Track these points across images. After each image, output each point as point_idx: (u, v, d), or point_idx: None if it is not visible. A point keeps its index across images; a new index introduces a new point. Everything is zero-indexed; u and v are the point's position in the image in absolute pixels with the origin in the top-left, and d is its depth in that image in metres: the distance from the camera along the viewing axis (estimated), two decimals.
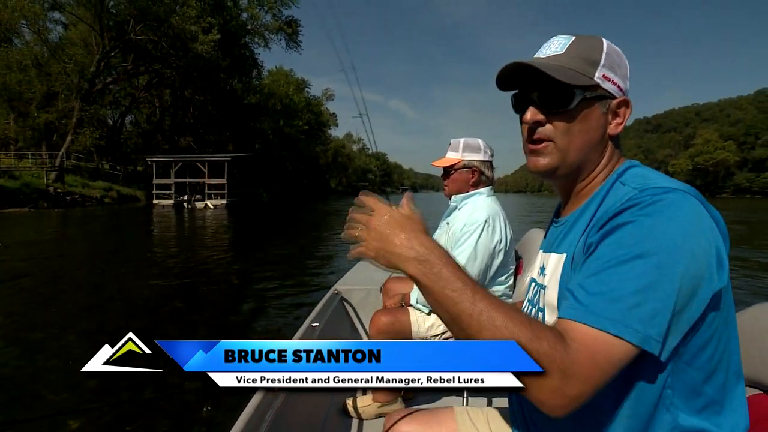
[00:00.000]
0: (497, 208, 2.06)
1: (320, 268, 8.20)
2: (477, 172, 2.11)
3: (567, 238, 0.82)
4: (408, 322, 1.99)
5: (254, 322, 5.23)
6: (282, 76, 63.89)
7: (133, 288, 6.78)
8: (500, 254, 2.00)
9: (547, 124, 0.79)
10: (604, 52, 0.78)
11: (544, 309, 0.82)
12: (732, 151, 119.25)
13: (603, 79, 0.77)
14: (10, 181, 25.51)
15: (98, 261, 9.39)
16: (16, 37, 33.02)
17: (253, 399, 1.35)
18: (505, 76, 0.81)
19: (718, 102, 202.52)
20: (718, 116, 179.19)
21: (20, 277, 7.32)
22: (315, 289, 6.50)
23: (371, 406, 2.01)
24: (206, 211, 27.51)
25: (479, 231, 1.95)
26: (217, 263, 8.93)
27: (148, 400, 3.09)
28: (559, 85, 0.75)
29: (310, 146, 72.28)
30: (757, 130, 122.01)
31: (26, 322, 5.05)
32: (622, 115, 0.80)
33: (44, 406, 3.08)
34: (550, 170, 0.81)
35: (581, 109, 0.77)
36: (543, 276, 0.87)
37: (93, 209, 26.44)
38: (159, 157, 36.30)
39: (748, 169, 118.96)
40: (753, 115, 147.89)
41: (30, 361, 3.90)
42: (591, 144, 0.79)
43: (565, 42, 0.79)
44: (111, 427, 2.80)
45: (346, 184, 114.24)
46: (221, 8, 40.34)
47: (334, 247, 10.96)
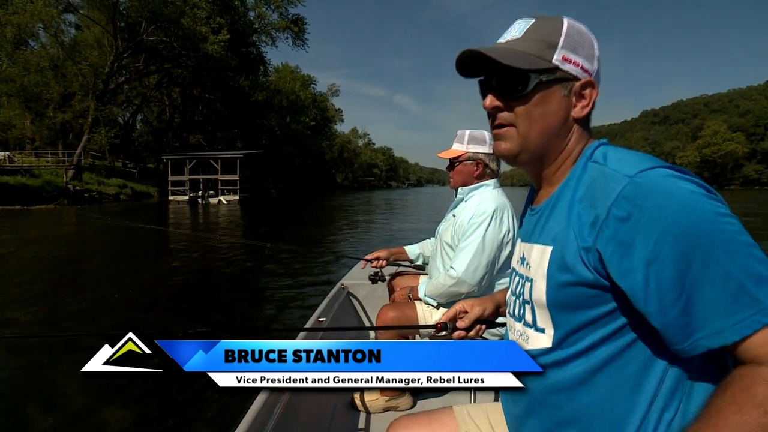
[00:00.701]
0: (505, 200, 2.04)
1: (328, 264, 8.35)
2: (482, 164, 2.08)
3: (547, 227, 0.80)
4: (415, 316, 1.98)
5: (261, 315, 5.39)
6: (288, 73, 64.62)
7: (158, 276, 7.60)
8: (508, 246, 1.97)
9: (506, 110, 0.79)
10: (563, 33, 0.75)
11: (531, 302, 0.81)
12: (741, 142, 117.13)
13: (563, 61, 0.75)
14: (32, 179, 26.55)
15: (125, 253, 10.27)
16: (32, 39, 34.04)
17: (260, 394, 1.37)
18: (464, 64, 0.80)
19: (727, 93, 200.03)
20: (727, 107, 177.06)
21: (67, 263, 8.22)
22: (323, 283, 6.59)
23: (379, 400, 2.02)
24: (219, 207, 28.46)
25: (487, 222, 1.92)
26: (230, 257, 9.38)
27: (153, 400, 3.06)
28: (514, 71, 0.74)
29: (317, 142, 72.97)
30: (767, 120, 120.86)
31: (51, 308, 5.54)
32: (588, 96, 0.78)
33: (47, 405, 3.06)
34: (512, 155, 0.81)
35: (538, 92, 0.75)
36: (526, 267, 0.85)
37: (110, 206, 27.44)
38: (174, 154, 37.70)
39: (757, 160, 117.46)
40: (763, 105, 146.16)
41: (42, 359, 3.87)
42: (552, 128, 0.78)
43: (524, 26, 0.78)
44: (113, 427, 2.80)
45: (352, 179, 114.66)
46: (229, 8, 41.23)
47: (342, 241, 11.37)
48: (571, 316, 0.73)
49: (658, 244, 0.61)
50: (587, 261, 0.69)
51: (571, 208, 0.73)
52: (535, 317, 0.80)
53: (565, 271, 0.72)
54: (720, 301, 0.60)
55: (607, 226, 0.65)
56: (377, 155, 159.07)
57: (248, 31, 45.95)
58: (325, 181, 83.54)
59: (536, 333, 0.80)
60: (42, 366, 3.67)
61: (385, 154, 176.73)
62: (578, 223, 0.70)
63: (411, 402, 2.07)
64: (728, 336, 0.61)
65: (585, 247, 0.69)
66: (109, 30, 31.83)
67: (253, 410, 1.29)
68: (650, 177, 0.64)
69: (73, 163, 30.08)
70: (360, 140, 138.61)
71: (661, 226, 0.61)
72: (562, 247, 0.73)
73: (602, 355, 0.72)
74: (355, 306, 2.99)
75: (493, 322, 1.12)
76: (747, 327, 0.59)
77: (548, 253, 0.76)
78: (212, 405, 2.94)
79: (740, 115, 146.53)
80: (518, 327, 0.86)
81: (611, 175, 0.68)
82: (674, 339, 0.64)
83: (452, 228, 2.09)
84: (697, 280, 0.60)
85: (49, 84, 32.33)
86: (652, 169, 0.65)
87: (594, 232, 0.67)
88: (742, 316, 0.59)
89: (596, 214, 0.67)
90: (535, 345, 0.80)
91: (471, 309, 1.10)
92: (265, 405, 1.33)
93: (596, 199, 0.68)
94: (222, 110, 48.25)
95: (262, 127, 53.85)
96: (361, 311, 2.99)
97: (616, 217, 0.64)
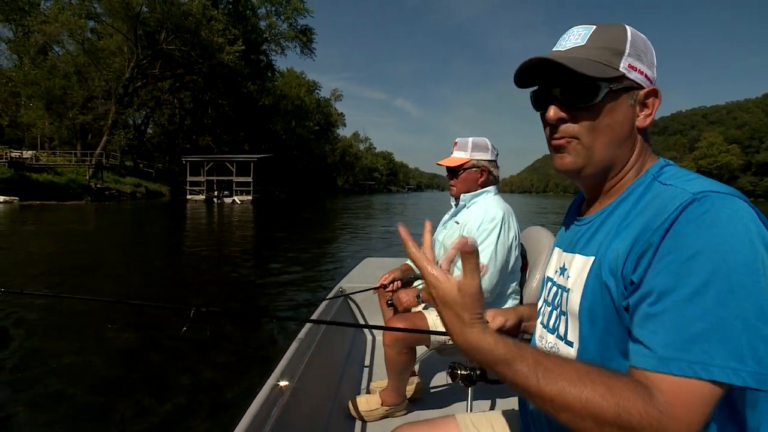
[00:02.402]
0: (507, 205, 2.05)
1: (330, 264, 8.49)
2: (486, 171, 2.09)
3: (594, 239, 0.76)
4: (426, 326, 1.92)
5: (262, 303, 5.73)
6: (293, 78, 66.66)
7: (184, 263, 8.83)
8: (515, 250, 1.99)
9: (570, 121, 0.74)
10: (628, 41, 0.73)
11: (567, 313, 0.78)
12: (736, 154, 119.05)
13: (629, 69, 0.72)
14: (57, 177, 28.42)
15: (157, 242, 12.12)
16: (57, 45, 36.16)
17: (258, 396, 1.37)
18: (523, 73, 0.77)
19: (725, 104, 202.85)
20: (725, 119, 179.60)
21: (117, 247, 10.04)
22: (327, 280, 6.78)
23: (378, 410, 2.00)
24: (233, 206, 30.42)
25: (498, 228, 1.92)
26: (239, 253, 10.05)
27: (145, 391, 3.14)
28: (582, 79, 0.70)
29: (320, 146, 74.84)
30: (762, 133, 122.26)
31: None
32: (651, 105, 0.75)
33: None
34: (577, 169, 0.76)
35: (607, 102, 0.72)
36: (564, 277, 0.81)
37: (128, 203, 29.28)
38: (193, 157, 40.48)
39: (752, 172, 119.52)
40: (760, 118, 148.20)
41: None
42: (619, 139, 0.74)
43: (585, 32, 0.74)
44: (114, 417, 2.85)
45: (353, 182, 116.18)
46: (242, 18, 43.55)
47: (345, 244, 11.77)
48: (599, 332, 0.70)
49: (678, 261, 0.58)
50: (623, 277, 0.65)
51: (624, 223, 0.70)
52: (567, 330, 0.78)
53: (602, 284, 0.69)
54: (671, 331, 0.57)
55: (650, 242, 0.62)
56: (378, 159, 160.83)
57: (259, 40, 48.46)
58: (326, 184, 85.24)
59: (566, 346, 0.78)
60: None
61: (385, 159, 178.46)
62: (626, 238, 0.67)
63: (408, 411, 2.07)
64: (640, 362, 0.59)
65: (623, 262, 0.65)
66: (131, 38, 33.95)
67: (250, 412, 1.27)
68: (712, 198, 0.60)
69: (93, 163, 31.97)
70: (361, 144, 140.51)
71: (687, 243, 0.58)
72: (605, 258, 0.70)
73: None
74: (353, 310, 2.94)
75: (515, 336, 1.05)
76: (666, 366, 0.56)
77: (590, 264, 0.73)
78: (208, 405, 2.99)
79: (737, 127, 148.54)
80: (550, 338, 0.84)
81: (675, 193, 0.64)
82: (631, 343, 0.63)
83: (459, 235, 1.97)
84: (675, 303, 0.57)
85: (73, 88, 34.38)
86: (717, 193, 0.61)
87: (638, 246, 0.63)
88: (675, 356, 0.56)
89: (645, 227, 0.64)
90: None
91: (492, 319, 1.03)
92: (263, 407, 1.33)
93: (650, 215, 0.65)
94: (231, 114, 50.32)
95: (268, 131, 55.89)
96: (359, 315, 2.95)
97: (661, 231, 0.61)
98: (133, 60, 35.09)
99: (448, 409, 2.10)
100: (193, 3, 33.32)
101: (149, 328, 4.46)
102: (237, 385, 3.20)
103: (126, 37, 33.83)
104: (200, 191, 37.82)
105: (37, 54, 35.02)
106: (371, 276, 2.91)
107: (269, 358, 3.30)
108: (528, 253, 2.13)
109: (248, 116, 50.77)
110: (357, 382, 2.41)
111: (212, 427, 2.70)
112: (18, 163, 28.41)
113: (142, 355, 3.82)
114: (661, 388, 0.56)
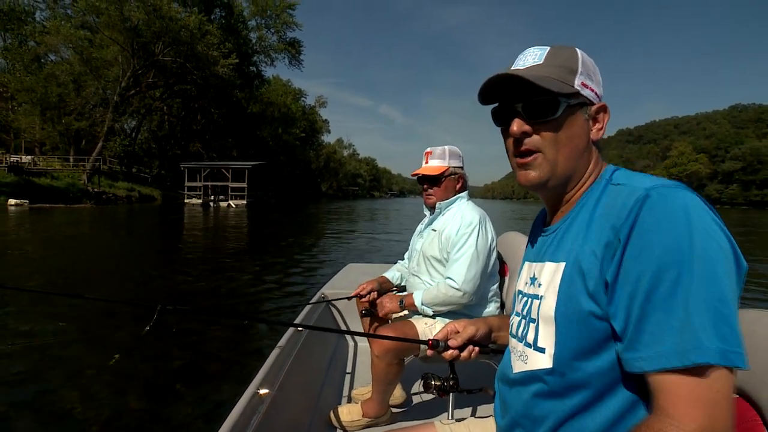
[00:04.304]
0: (481, 210, 2.07)
1: (313, 268, 8.38)
2: (462, 178, 2.13)
3: (562, 245, 0.80)
4: (416, 334, 1.91)
5: (245, 307, 5.50)
6: (280, 86, 68.32)
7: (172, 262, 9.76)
8: (493, 254, 2.01)
9: (533, 134, 0.79)
10: (580, 61, 0.79)
11: (537, 320, 0.81)
12: (704, 163, 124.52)
13: (582, 87, 0.78)
14: (56, 181, 29.63)
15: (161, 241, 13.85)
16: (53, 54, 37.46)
17: (237, 404, 1.35)
18: (488, 89, 0.81)
19: (695, 115, 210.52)
20: (695, 129, 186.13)
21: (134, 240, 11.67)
22: (310, 285, 6.71)
23: (360, 421, 1.97)
24: (229, 210, 32.24)
25: (476, 232, 1.95)
26: (238, 254, 10.49)
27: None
28: (544, 95, 0.76)
29: (305, 152, 76.52)
30: (727, 144, 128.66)
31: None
32: (602, 120, 0.82)
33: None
34: (542, 182, 0.81)
35: (566, 117, 0.77)
36: (535, 286, 0.84)
37: (124, 206, 30.64)
38: (191, 163, 42.90)
39: (718, 180, 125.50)
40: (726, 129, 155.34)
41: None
42: (578, 151, 0.80)
43: (541, 53, 0.80)
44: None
45: (337, 188, 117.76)
46: (234, 32, 45.39)
47: (328, 248, 11.91)
48: (575, 335, 0.72)
49: (644, 255, 0.62)
50: (598, 277, 0.68)
51: (589, 226, 0.74)
52: (537, 336, 0.80)
53: (577, 286, 0.72)
54: (662, 328, 0.60)
55: (618, 239, 0.66)
56: (361, 165, 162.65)
57: (250, 52, 50.51)
58: (311, 189, 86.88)
59: (536, 353, 0.80)
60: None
61: (369, 165, 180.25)
62: (595, 240, 0.71)
63: (390, 421, 2.05)
64: (645, 364, 0.61)
65: (598, 263, 0.69)
66: (128, 49, 35.41)
67: (229, 421, 1.25)
68: (664, 192, 0.65)
69: (88, 168, 33.26)
70: (345, 150, 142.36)
71: (653, 239, 0.62)
72: (576, 263, 0.73)
73: (598, 385, 0.71)
74: (335, 316, 2.95)
75: (485, 345, 1.08)
76: (667, 360, 0.59)
77: (561, 269, 0.76)
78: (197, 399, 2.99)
79: (706, 137, 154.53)
80: (519, 347, 0.86)
81: (629, 191, 0.69)
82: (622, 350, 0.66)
83: (438, 242, 2.05)
84: (658, 300, 0.60)
85: (70, 96, 35.79)
86: (667, 187, 0.66)
87: (610, 248, 0.67)
88: (670, 348, 0.59)
89: (612, 228, 0.68)
90: (534, 365, 0.80)
91: (463, 329, 1.07)
92: (243, 415, 1.32)
93: (613, 215, 0.69)
94: (220, 121, 51.91)
95: (256, 137, 57.53)
96: (341, 321, 2.95)
97: (626, 228, 0.65)
98: (129, 70, 36.56)
99: (428, 416, 2.06)
100: (189, 18, 35.02)
101: (113, 327, 4.41)
102: (216, 392, 3.13)
103: (122, 48, 35.26)
104: (198, 195, 40.39)
105: (30, 62, 36.23)
106: (354, 282, 2.85)
107: (247, 364, 3.53)
108: (506, 257, 2.18)
109: (237, 123, 52.42)
110: (338, 390, 2.41)
111: (196, 429, 2.67)
112: (17, 168, 29.54)
113: (114, 355, 3.71)
114: (662, 388, 0.60)
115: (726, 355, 0.57)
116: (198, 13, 36.58)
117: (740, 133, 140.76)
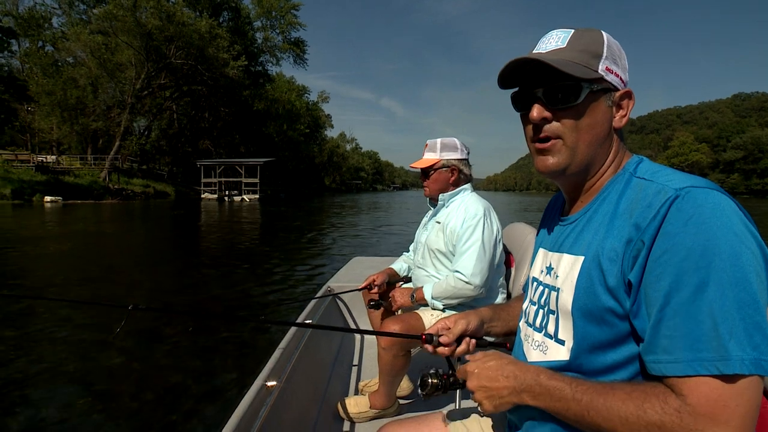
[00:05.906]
0: (486, 201, 2.07)
1: (323, 264, 8.40)
2: (456, 170, 2.10)
3: (581, 238, 0.78)
4: (422, 327, 1.90)
5: (250, 303, 5.61)
6: (284, 84, 69.95)
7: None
8: (499, 245, 2.01)
9: (554, 120, 0.76)
10: (605, 44, 0.76)
11: (557, 312, 0.80)
12: (705, 152, 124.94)
13: (606, 72, 0.75)
14: (78, 179, 31.55)
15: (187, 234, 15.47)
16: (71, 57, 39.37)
17: (246, 396, 1.36)
18: (507, 74, 0.79)
19: (698, 105, 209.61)
20: (697, 119, 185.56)
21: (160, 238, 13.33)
22: (315, 277, 6.94)
23: (368, 412, 1.99)
24: (242, 204, 34.27)
25: (482, 224, 1.94)
26: (240, 248, 11.05)
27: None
28: (566, 80, 0.73)
29: (309, 147, 78.15)
30: (729, 133, 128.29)
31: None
32: (626, 107, 0.78)
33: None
34: (561, 169, 0.78)
35: (588, 103, 0.74)
36: (552, 277, 0.83)
37: (142, 202, 32.45)
38: (207, 160, 45.55)
39: (720, 170, 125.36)
40: (729, 118, 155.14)
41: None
42: (599, 138, 0.77)
43: (565, 36, 0.77)
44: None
45: (340, 182, 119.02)
46: (242, 34, 47.35)
47: (335, 242, 12.22)
48: (593, 330, 0.72)
49: (668, 258, 0.61)
50: (619, 275, 0.68)
51: (612, 221, 0.72)
52: (557, 328, 0.79)
53: (595, 282, 0.71)
54: (682, 333, 0.59)
55: (642, 241, 0.65)
56: (364, 159, 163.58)
57: (256, 52, 52.58)
58: (315, 183, 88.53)
59: (556, 344, 0.79)
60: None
61: (371, 158, 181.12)
62: (616, 237, 0.69)
63: (398, 413, 2.05)
64: (666, 368, 0.61)
65: (619, 260, 0.68)
66: (142, 53, 37.32)
67: (238, 412, 1.27)
68: (694, 194, 0.62)
69: (107, 166, 35.23)
70: (348, 144, 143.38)
71: (678, 242, 0.61)
72: (596, 258, 0.72)
73: (615, 378, 0.71)
74: (341, 309, 2.93)
75: (480, 337, 1.08)
76: (690, 368, 0.58)
77: (580, 263, 0.75)
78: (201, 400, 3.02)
79: (708, 126, 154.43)
80: (537, 337, 0.85)
81: (657, 188, 0.67)
82: (643, 349, 0.66)
83: (443, 235, 2.04)
84: (680, 305, 0.59)
85: (88, 98, 37.88)
86: (698, 188, 0.63)
87: (631, 246, 0.66)
88: (692, 356, 0.58)
89: (635, 226, 0.67)
90: (553, 357, 0.79)
91: (454, 325, 1.05)
92: (251, 407, 1.33)
93: (637, 213, 0.67)
94: (227, 118, 53.80)
95: (262, 134, 59.36)
96: (347, 314, 2.94)
97: (652, 229, 0.64)
98: (144, 72, 38.48)
99: (436, 407, 2.01)
100: (201, 23, 36.93)
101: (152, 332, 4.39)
102: (226, 386, 3.22)
103: (137, 51, 37.11)
104: (213, 191, 43.07)
105: (48, 66, 38.14)
106: (360, 275, 2.82)
107: (252, 358, 3.63)
108: (512, 248, 2.17)
109: (243, 120, 54.30)
110: (345, 382, 2.42)
111: (200, 427, 2.70)
112: (43, 167, 31.54)
113: (117, 355, 3.77)
114: (682, 391, 0.59)
115: (760, 363, 0.56)
116: (208, 18, 38.55)
117: (742, 121, 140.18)
